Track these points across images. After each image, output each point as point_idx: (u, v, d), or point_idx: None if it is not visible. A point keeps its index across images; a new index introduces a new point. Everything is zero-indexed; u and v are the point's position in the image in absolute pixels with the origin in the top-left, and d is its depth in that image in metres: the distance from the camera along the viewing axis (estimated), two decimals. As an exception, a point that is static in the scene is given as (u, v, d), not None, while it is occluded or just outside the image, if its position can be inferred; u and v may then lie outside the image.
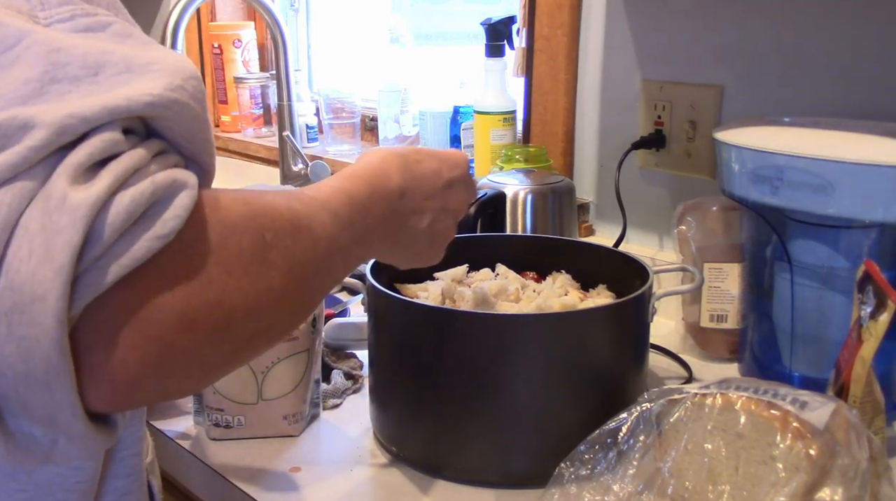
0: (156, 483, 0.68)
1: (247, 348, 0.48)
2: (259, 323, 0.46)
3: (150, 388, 0.43)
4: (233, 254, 0.44)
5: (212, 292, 0.43)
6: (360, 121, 1.80)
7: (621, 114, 1.27)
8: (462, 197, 0.72)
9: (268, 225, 0.47)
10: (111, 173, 0.40)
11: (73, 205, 0.38)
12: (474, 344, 0.79)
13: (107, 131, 0.41)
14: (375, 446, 0.88)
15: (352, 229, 0.57)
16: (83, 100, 0.40)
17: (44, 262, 0.37)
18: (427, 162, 0.69)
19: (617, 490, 0.69)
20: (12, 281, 0.37)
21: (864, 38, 1.01)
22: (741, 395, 0.69)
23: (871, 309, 0.75)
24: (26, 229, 0.38)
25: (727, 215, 1.05)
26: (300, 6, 2.03)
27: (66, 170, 0.39)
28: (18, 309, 0.37)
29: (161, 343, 0.41)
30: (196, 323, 0.42)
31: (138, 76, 0.42)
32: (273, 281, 0.46)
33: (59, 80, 0.41)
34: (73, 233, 0.38)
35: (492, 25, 1.35)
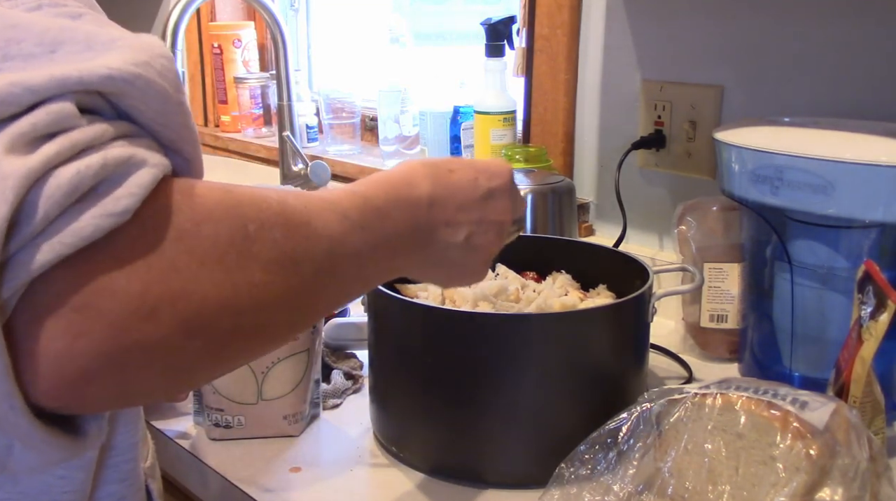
0: (155, 487, 0.68)
1: (227, 348, 0.43)
2: (240, 320, 0.43)
3: (106, 384, 0.39)
4: (205, 242, 0.41)
5: (177, 280, 0.39)
6: (360, 121, 1.80)
7: (621, 114, 1.27)
8: (504, 208, 0.65)
9: (252, 215, 0.43)
10: (57, 143, 0.37)
11: (4, 173, 0.35)
12: (474, 344, 0.79)
13: (56, 102, 0.37)
14: (375, 446, 0.88)
15: (365, 233, 0.52)
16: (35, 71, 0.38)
17: None
18: (462, 171, 0.63)
19: (617, 490, 0.69)
20: None
21: (864, 38, 1.01)
22: (741, 395, 0.69)
23: (871, 309, 0.75)
24: None
25: (727, 215, 1.05)
26: (300, 6, 2.03)
27: (3, 138, 0.36)
28: None
29: (114, 330, 0.37)
30: (156, 311, 0.38)
31: (100, 53, 0.39)
32: (255, 275, 0.42)
33: (13, 58, 0.38)
34: (1, 204, 0.34)
35: (492, 25, 1.35)
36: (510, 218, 0.67)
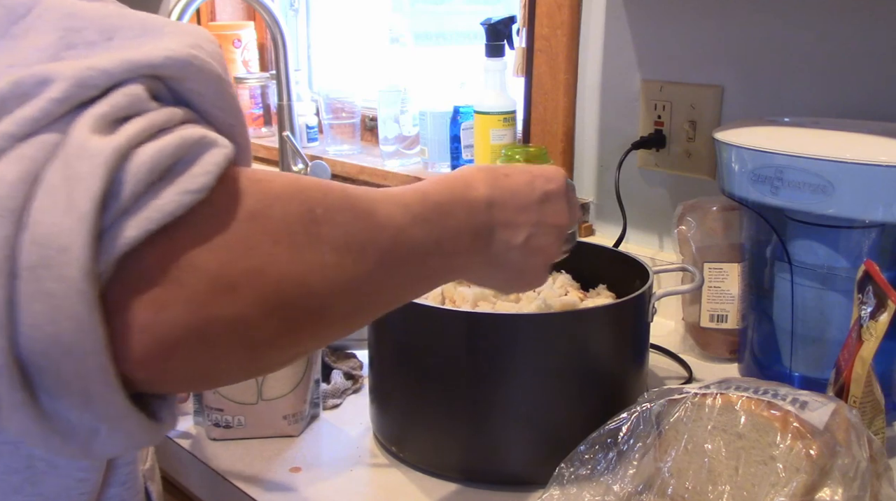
0: (154, 489, 0.68)
1: (301, 330, 0.44)
2: (312, 301, 0.43)
3: (189, 357, 0.40)
4: (277, 223, 0.42)
5: (253, 258, 0.40)
6: (359, 121, 1.80)
7: (621, 114, 1.27)
8: (561, 211, 0.66)
9: (318, 199, 0.44)
10: (136, 124, 0.38)
11: (93, 151, 0.36)
12: (474, 344, 0.79)
13: (130, 85, 0.39)
14: (375, 446, 0.88)
15: (427, 226, 0.53)
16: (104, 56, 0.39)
17: (66, 212, 0.35)
18: (518, 175, 0.64)
19: (617, 490, 0.69)
20: (35, 233, 0.35)
21: (864, 38, 1.01)
22: (741, 395, 0.69)
23: (871, 309, 0.75)
24: (48, 182, 0.36)
25: (727, 215, 1.05)
26: (300, 6, 2.03)
27: (87, 120, 0.37)
28: (44, 264, 0.35)
29: (195, 304, 0.39)
30: (235, 287, 0.40)
31: (153, 38, 0.41)
32: (326, 255, 0.43)
33: (75, 46, 0.39)
34: (93, 180, 0.36)
35: (492, 25, 1.35)
36: (567, 221, 0.67)
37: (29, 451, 0.51)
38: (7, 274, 0.35)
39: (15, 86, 0.37)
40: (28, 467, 0.51)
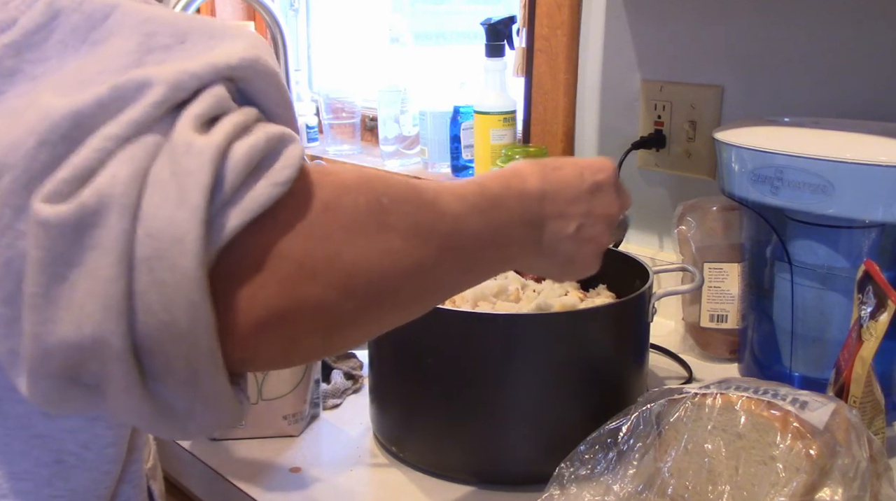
0: (157, 487, 0.68)
1: (375, 312, 0.48)
2: (385, 285, 0.47)
3: (277, 338, 0.43)
4: (348, 211, 0.45)
5: (330, 245, 0.43)
6: (360, 121, 1.80)
7: (621, 114, 1.27)
8: (611, 201, 0.68)
9: (383, 189, 0.47)
10: (229, 123, 0.41)
11: (199, 148, 0.39)
12: (474, 344, 0.79)
13: (215, 87, 0.42)
14: (375, 446, 0.88)
15: (483, 217, 0.55)
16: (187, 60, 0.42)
17: (179, 206, 0.38)
18: (567, 168, 0.66)
19: (617, 490, 0.69)
20: (149, 227, 0.38)
21: (864, 38, 1.01)
22: (741, 395, 0.69)
23: (871, 309, 0.75)
24: (157, 178, 0.38)
25: (727, 215, 1.05)
26: (300, 6, 2.03)
27: (187, 121, 0.40)
28: (158, 255, 0.38)
29: (283, 288, 0.42)
30: (317, 273, 0.43)
31: (220, 41, 0.43)
32: (394, 242, 0.47)
33: (154, 50, 0.42)
34: (202, 174, 0.39)
35: (492, 25, 1.35)
36: (617, 211, 0.69)
37: (58, 446, 0.52)
38: (126, 267, 0.38)
39: (115, 90, 0.39)
40: (58, 461, 0.52)
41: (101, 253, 0.37)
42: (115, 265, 0.37)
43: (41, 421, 0.51)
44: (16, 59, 0.41)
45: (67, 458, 0.53)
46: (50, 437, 0.52)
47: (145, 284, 0.38)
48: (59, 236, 0.37)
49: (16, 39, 0.41)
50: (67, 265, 0.38)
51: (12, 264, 0.38)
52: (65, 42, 0.42)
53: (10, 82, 0.41)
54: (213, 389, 0.41)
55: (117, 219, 0.37)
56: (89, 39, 0.42)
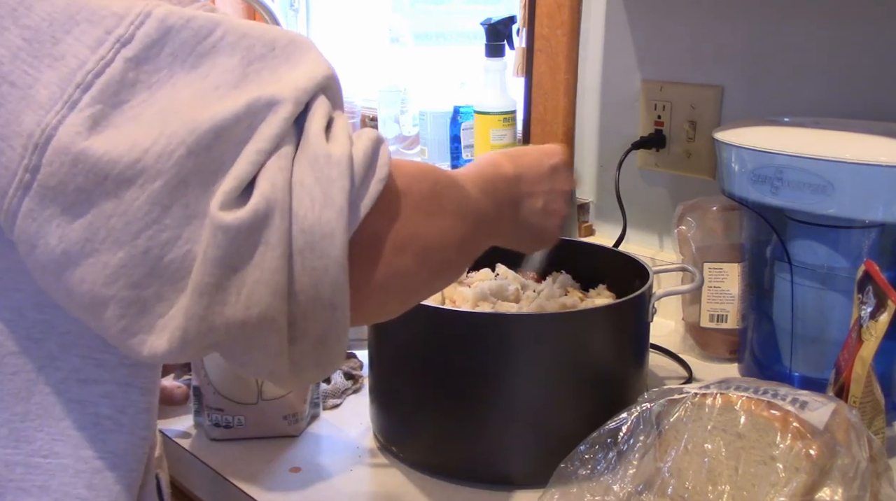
0: (163, 477, 0.69)
1: (439, 277, 0.59)
2: (444, 254, 0.57)
3: (378, 302, 0.53)
4: (417, 197, 0.54)
5: (411, 225, 0.53)
6: (360, 121, 1.80)
7: (621, 114, 1.27)
8: (566, 179, 0.81)
9: (437, 177, 0.58)
10: (345, 133, 0.49)
11: (337, 159, 0.47)
12: (474, 344, 0.79)
13: (320, 99, 0.49)
14: (375, 446, 0.88)
15: (489, 198, 0.66)
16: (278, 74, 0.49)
17: (326, 207, 0.46)
18: (529, 153, 0.79)
19: (617, 490, 0.69)
20: (301, 225, 0.46)
21: (864, 38, 1.01)
22: (741, 395, 0.69)
23: (871, 309, 0.75)
24: (301, 184, 0.46)
25: (727, 215, 1.05)
26: (300, 6, 2.03)
27: (317, 133, 0.48)
28: (310, 247, 0.46)
29: (385, 263, 0.52)
30: (405, 249, 0.53)
31: (298, 47, 0.50)
32: (447, 219, 0.57)
33: (252, 62, 0.49)
34: (344, 181, 0.47)
35: (492, 25, 1.35)
36: (570, 187, 0.82)
37: (94, 410, 0.56)
38: (288, 256, 0.46)
39: (248, 107, 0.46)
40: (95, 424, 0.56)
41: (269, 249, 0.45)
42: (279, 258, 0.46)
43: (76, 387, 0.55)
44: (136, 72, 0.46)
45: (104, 421, 0.56)
46: (86, 401, 0.56)
47: (300, 270, 0.46)
48: (237, 237, 0.45)
49: (136, 53, 0.46)
50: (241, 259, 0.45)
51: (149, 253, 0.45)
52: (175, 55, 0.47)
53: (132, 92, 0.46)
54: (334, 348, 0.50)
55: (280, 220, 0.45)
56: (196, 52, 0.48)
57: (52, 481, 0.55)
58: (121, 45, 0.46)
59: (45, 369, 0.54)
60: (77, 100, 0.45)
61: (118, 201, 0.45)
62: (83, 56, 0.46)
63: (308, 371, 0.51)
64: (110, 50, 0.46)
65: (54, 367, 0.54)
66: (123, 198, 0.45)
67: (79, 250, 0.45)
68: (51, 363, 0.54)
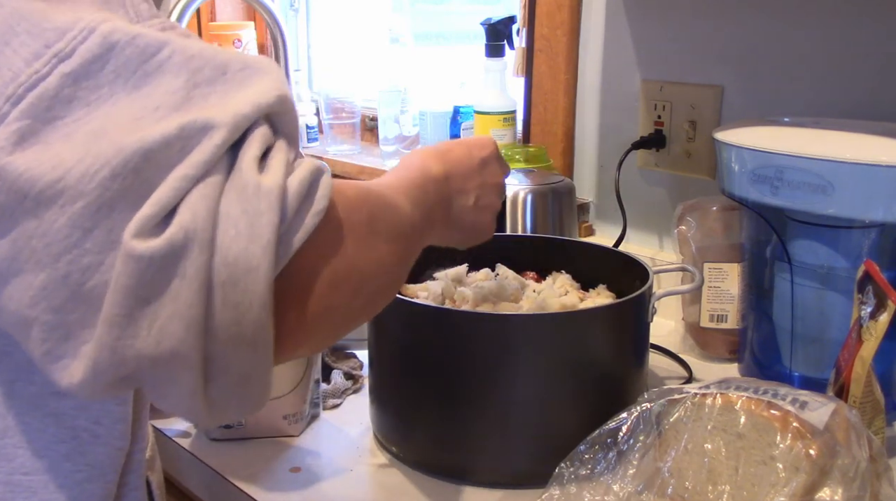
0: (155, 479, 0.69)
1: (373, 305, 0.57)
2: (378, 282, 0.55)
3: (314, 339, 0.52)
4: (356, 227, 0.52)
5: (347, 258, 0.51)
6: (360, 121, 1.80)
7: (621, 114, 1.27)
8: (497, 171, 0.79)
9: (373, 201, 0.56)
10: (281, 162, 0.47)
11: (267, 190, 0.45)
12: (474, 344, 0.79)
13: (261, 126, 0.47)
14: (375, 446, 0.88)
15: (420, 208, 0.65)
16: (226, 98, 0.46)
17: (252, 240, 0.44)
18: (457, 148, 0.77)
19: (617, 490, 0.69)
20: (225, 258, 0.43)
21: (864, 38, 1.01)
22: (741, 395, 0.69)
23: (871, 309, 0.75)
24: (227, 215, 0.44)
25: (727, 215, 1.05)
26: (300, 6, 2.03)
27: (250, 163, 0.45)
28: (232, 281, 0.44)
29: (319, 300, 0.49)
30: (339, 284, 0.51)
31: (254, 72, 0.48)
32: (382, 247, 0.55)
33: (199, 85, 0.46)
34: (272, 214, 0.45)
35: (492, 25, 1.35)
36: (502, 179, 0.81)
37: (72, 423, 0.55)
38: (206, 290, 0.43)
39: (181, 130, 0.44)
40: (73, 437, 0.55)
41: (185, 283, 0.43)
42: (196, 292, 0.43)
43: (53, 400, 0.54)
44: (73, 88, 0.44)
45: (81, 434, 0.56)
46: (63, 415, 0.55)
47: (220, 305, 0.44)
48: (149, 267, 0.42)
49: (74, 69, 0.44)
50: (153, 291, 0.43)
51: (70, 278, 0.43)
52: (118, 72, 0.45)
53: (67, 108, 0.44)
54: (257, 387, 0.47)
55: (198, 251, 0.43)
56: (140, 71, 0.46)
57: (34, 498, 0.55)
58: (58, 61, 0.44)
59: (17, 383, 0.53)
60: (6, 113, 0.43)
61: (39, 221, 0.43)
62: (17, 69, 0.44)
63: (229, 411, 0.48)
64: (47, 64, 0.44)
65: (27, 381, 0.53)
66: (44, 218, 0.43)
67: (6, 268, 0.44)
68: (23, 376, 0.53)
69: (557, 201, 1.18)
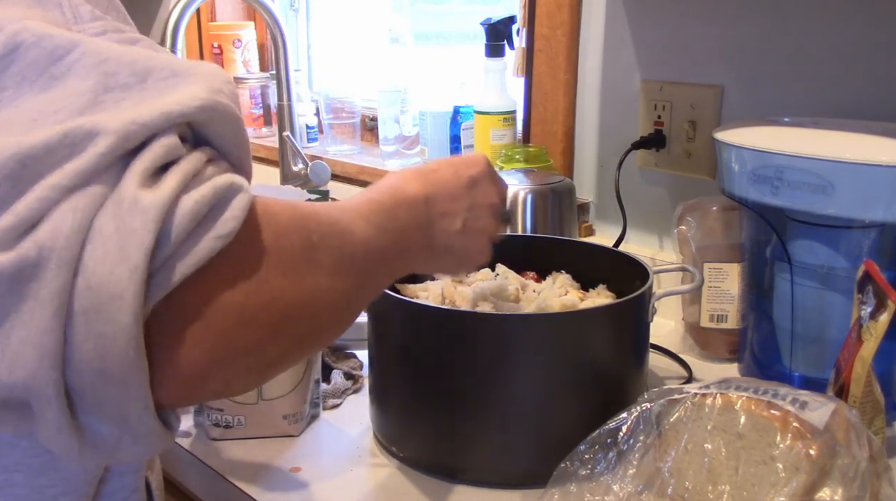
0: (154, 479, 0.69)
1: (301, 347, 0.50)
2: (311, 321, 0.49)
3: (215, 383, 0.45)
4: (285, 255, 0.46)
5: (268, 291, 0.45)
6: (360, 121, 1.80)
7: (621, 114, 1.27)
8: (489, 191, 0.72)
9: (314, 227, 0.49)
10: (175, 177, 0.42)
11: (144, 207, 0.40)
12: (474, 344, 0.79)
13: (166, 136, 0.42)
14: (375, 446, 0.88)
15: (386, 234, 0.58)
16: (140, 106, 0.42)
17: (119, 263, 0.39)
18: (443, 168, 0.70)
19: (617, 490, 0.69)
20: (89, 281, 0.39)
21: (864, 38, 1.01)
22: (741, 395, 0.69)
23: (871, 309, 0.75)
24: (100, 232, 0.39)
25: (727, 215, 1.05)
26: (300, 6, 2.03)
27: (134, 174, 0.40)
28: (95, 309, 0.39)
29: (224, 339, 0.43)
30: (255, 320, 0.44)
31: (184, 80, 0.44)
32: (321, 280, 0.49)
33: (112, 89, 0.43)
34: (145, 234, 0.39)
35: (492, 25, 1.35)
36: (497, 199, 0.73)
37: None
38: (62, 318, 0.38)
39: (63, 136, 0.40)
40: (46, 451, 0.53)
41: (38, 306, 0.38)
42: (51, 318, 0.38)
43: None
44: None
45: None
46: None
47: (82, 334, 0.39)
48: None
49: None
50: (2, 312, 0.38)
51: None
52: (23, 74, 0.42)
53: None
54: (140, 429, 0.42)
55: (56, 272, 0.38)
56: (47, 73, 0.42)
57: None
58: None
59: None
60: None
61: None
62: None
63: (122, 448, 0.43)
64: None
65: None
66: None
67: None
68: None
69: (557, 201, 1.18)
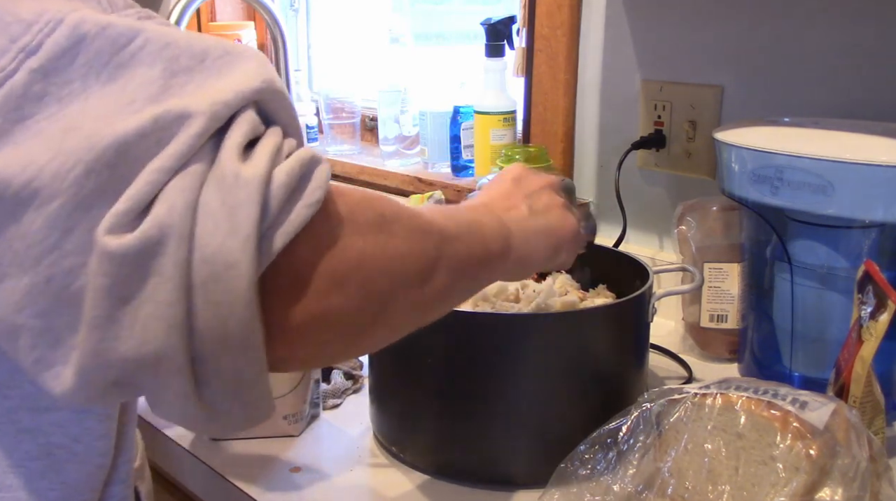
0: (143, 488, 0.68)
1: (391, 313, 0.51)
2: (397, 286, 0.51)
3: (311, 341, 0.47)
4: (360, 223, 0.48)
5: (352, 255, 0.47)
6: (360, 121, 1.80)
7: (621, 114, 1.27)
8: (535, 180, 0.75)
9: (384, 204, 0.52)
10: (266, 150, 0.44)
11: (247, 180, 0.42)
12: (474, 344, 0.79)
13: (247, 113, 0.44)
14: (375, 446, 0.88)
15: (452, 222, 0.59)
16: (204, 87, 0.44)
17: (230, 234, 0.41)
18: (484, 189, 0.74)
19: (617, 490, 0.69)
20: (203, 253, 0.41)
21: (864, 38, 1.01)
22: (741, 395, 0.69)
23: (871, 309, 0.75)
24: (207, 207, 0.41)
25: (727, 215, 1.05)
26: (300, 6, 2.03)
27: (230, 151, 0.43)
28: (214, 279, 0.41)
29: (318, 298, 0.45)
30: (344, 281, 0.47)
31: (237, 58, 0.46)
32: (399, 246, 0.51)
33: (177, 74, 0.44)
34: (251, 205, 0.42)
35: (492, 25, 1.35)
36: (546, 182, 0.76)
37: (46, 440, 0.54)
38: (185, 290, 0.41)
39: (155, 121, 0.42)
40: (48, 454, 0.54)
41: (163, 280, 0.40)
42: (175, 290, 0.41)
43: (28, 416, 0.53)
44: (43, 83, 0.42)
45: (57, 451, 0.55)
46: (38, 431, 0.54)
47: (202, 304, 0.41)
48: (123, 265, 0.40)
49: (43, 64, 0.42)
50: (131, 290, 0.41)
51: (53, 281, 0.41)
52: (89, 65, 0.43)
53: (38, 105, 0.42)
54: (254, 391, 0.45)
55: (175, 247, 0.40)
56: (113, 63, 0.43)
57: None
58: (26, 56, 0.42)
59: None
60: None
61: (17, 224, 0.41)
62: None
63: (232, 417, 0.46)
64: (13, 60, 0.42)
65: (2, 395, 0.52)
66: (22, 220, 0.41)
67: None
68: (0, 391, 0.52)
69: (557, 201, 1.18)
